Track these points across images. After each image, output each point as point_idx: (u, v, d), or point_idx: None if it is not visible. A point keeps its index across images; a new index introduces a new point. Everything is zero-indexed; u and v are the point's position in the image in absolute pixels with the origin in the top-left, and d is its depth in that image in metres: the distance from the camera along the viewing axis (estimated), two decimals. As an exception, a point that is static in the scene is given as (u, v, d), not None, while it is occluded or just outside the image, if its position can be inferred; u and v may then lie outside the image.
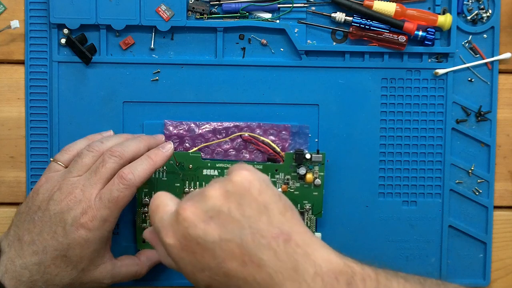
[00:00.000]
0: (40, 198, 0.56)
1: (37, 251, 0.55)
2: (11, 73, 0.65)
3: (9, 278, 0.54)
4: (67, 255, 0.55)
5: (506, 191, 0.68)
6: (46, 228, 0.55)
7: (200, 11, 0.64)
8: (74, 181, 0.56)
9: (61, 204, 0.55)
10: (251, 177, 0.46)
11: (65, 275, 0.56)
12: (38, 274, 0.55)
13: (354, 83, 0.65)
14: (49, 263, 0.55)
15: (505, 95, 0.67)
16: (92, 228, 0.55)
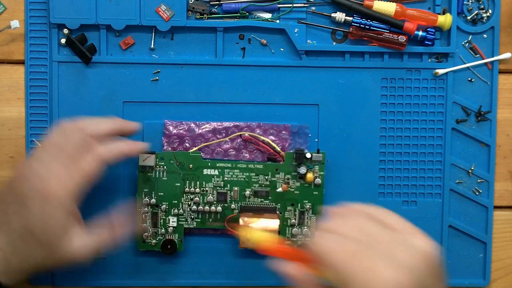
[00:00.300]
0: (11, 180, 0.55)
1: (5, 230, 0.54)
2: (11, 73, 0.65)
3: None
4: (32, 232, 0.53)
5: (506, 191, 0.68)
6: (10, 205, 0.54)
7: (200, 11, 0.64)
8: (32, 153, 0.55)
9: (20, 178, 0.54)
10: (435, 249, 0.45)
11: (36, 255, 0.54)
12: (11, 255, 0.53)
13: (354, 83, 0.65)
14: (18, 243, 0.53)
15: (505, 95, 0.67)
16: (54, 199, 0.53)
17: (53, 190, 0.53)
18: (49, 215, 0.53)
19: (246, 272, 0.66)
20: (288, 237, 0.64)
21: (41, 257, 0.55)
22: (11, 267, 0.54)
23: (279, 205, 0.64)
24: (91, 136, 0.56)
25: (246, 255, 0.66)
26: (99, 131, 0.57)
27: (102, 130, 0.57)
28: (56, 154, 0.55)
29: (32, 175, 0.54)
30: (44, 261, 0.55)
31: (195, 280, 0.66)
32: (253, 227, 0.60)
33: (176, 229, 0.64)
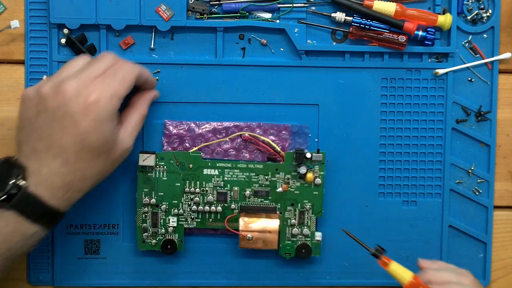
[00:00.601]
0: (34, 104, 0.55)
1: (57, 153, 0.53)
2: (11, 73, 0.65)
3: (43, 189, 0.54)
4: (86, 144, 0.54)
5: (506, 191, 0.68)
6: (55, 127, 0.53)
7: (200, 11, 0.64)
8: (63, 76, 0.55)
9: (58, 98, 0.53)
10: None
11: (95, 165, 0.55)
12: (69, 176, 0.54)
13: (354, 83, 0.65)
14: (74, 160, 0.54)
15: (505, 95, 0.67)
16: (99, 108, 0.53)
17: (96, 98, 0.53)
18: (99, 124, 0.54)
19: (246, 272, 0.66)
20: (288, 237, 0.65)
21: (99, 166, 0.55)
22: (71, 187, 0.54)
23: (279, 205, 0.64)
24: None
25: (246, 255, 0.66)
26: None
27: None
28: (88, 67, 0.55)
29: (74, 94, 0.53)
30: (103, 167, 0.56)
31: (195, 280, 0.66)
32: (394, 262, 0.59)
33: (176, 229, 0.64)
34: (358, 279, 0.66)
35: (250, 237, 0.62)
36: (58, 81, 0.54)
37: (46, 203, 0.54)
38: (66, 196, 0.55)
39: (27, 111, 0.55)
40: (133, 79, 0.57)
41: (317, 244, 0.65)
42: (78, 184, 0.55)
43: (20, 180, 0.53)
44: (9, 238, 0.53)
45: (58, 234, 0.65)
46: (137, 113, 0.60)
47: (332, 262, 0.66)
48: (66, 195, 0.55)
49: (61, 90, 0.53)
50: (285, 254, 0.65)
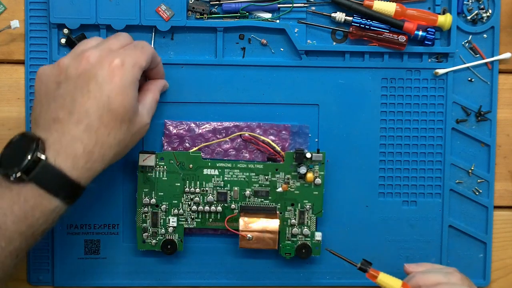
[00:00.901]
0: (54, 77, 0.54)
1: (80, 118, 0.52)
2: (11, 73, 0.65)
3: (64, 160, 0.52)
4: (111, 109, 0.53)
5: (506, 191, 0.68)
6: (78, 93, 0.53)
7: (200, 11, 0.64)
8: (82, 48, 0.56)
9: (82, 65, 0.53)
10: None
11: (117, 133, 0.54)
12: (90, 142, 0.52)
13: (354, 83, 0.65)
14: (97, 125, 0.52)
15: (505, 95, 0.67)
16: (124, 72, 0.53)
17: (120, 63, 0.53)
18: (124, 88, 0.53)
19: (246, 272, 0.66)
20: (288, 237, 0.65)
21: (120, 135, 0.54)
22: (92, 158, 0.53)
23: (279, 205, 0.64)
24: None
25: (246, 255, 0.66)
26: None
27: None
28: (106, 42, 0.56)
29: (93, 58, 0.53)
30: (123, 139, 0.54)
31: (195, 280, 0.66)
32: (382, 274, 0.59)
33: (176, 229, 0.64)
34: (358, 279, 0.66)
35: (250, 237, 0.62)
36: (79, 51, 0.55)
37: (67, 174, 0.52)
38: (87, 166, 0.53)
39: (45, 86, 0.55)
40: (152, 52, 0.58)
41: (317, 244, 0.65)
42: (99, 152, 0.53)
43: (39, 153, 0.51)
44: (30, 215, 0.51)
45: (58, 234, 0.65)
46: (151, 96, 0.59)
47: (332, 262, 0.66)
48: (87, 165, 0.53)
49: (84, 57, 0.54)
50: (285, 254, 0.65)
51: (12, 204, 0.51)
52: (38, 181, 0.51)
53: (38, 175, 0.51)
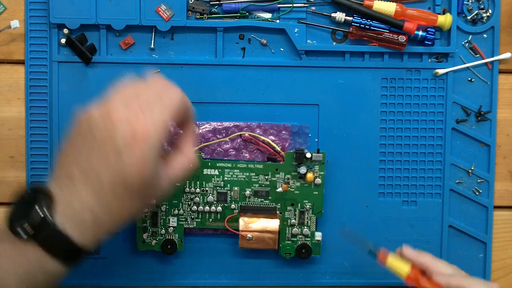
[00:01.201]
0: (79, 126, 0.50)
1: (92, 184, 0.48)
2: (11, 73, 0.65)
3: (72, 227, 0.48)
4: (126, 181, 0.48)
5: (506, 191, 0.68)
6: (94, 153, 0.48)
7: (200, 11, 0.64)
8: (112, 102, 0.49)
9: (105, 123, 0.48)
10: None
11: (129, 205, 0.49)
12: (101, 211, 0.48)
13: (354, 83, 0.65)
14: (109, 197, 0.48)
15: (505, 95, 0.67)
16: (145, 143, 0.48)
17: (144, 131, 0.48)
18: (144, 160, 0.48)
19: (246, 272, 0.66)
20: (288, 237, 0.64)
21: (135, 206, 0.50)
22: (101, 227, 0.49)
23: (279, 205, 0.64)
24: None
25: (246, 255, 0.66)
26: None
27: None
28: (137, 95, 0.50)
29: (118, 119, 0.48)
30: (134, 210, 0.51)
31: (195, 280, 0.66)
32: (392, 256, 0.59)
33: (176, 229, 0.64)
34: (358, 279, 0.66)
35: (250, 237, 0.62)
36: (108, 106, 0.49)
37: (74, 241, 0.48)
38: (96, 235, 0.50)
39: (74, 132, 0.50)
40: (179, 105, 0.51)
41: (317, 244, 0.65)
42: (107, 224, 0.49)
43: (48, 216, 0.48)
44: (32, 276, 0.49)
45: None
46: (183, 157, 0.54)
47: (332, 262, 0.66)
48: (96, 234, 0.50)
49: (109, 117, 0.48)
50: (285, 254, 0.65)
51: (17, 266, 0.48)
52: (43, 245, 0.48)
53: (45, 239, 0.48)
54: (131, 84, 0.52)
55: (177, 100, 0.51)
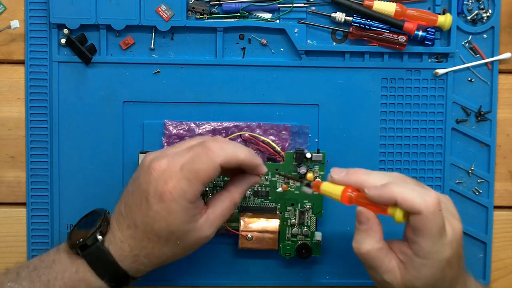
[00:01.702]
0: (138, 168, 0.56)
1: (130, 224, 0.54)
2: (11, 73, 0.65)
3: (114, 250, 0.54)
4: (154, 229, 0.53)
5: (506, 191, 0.68)
6: (135, 200, 0.54)
7: (200, 11, 0.64)
8: (167, 153, 0.55)
9: (147, 173, 0.53)
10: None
11: (162, 248, 0.54)
12: (136, 249, 0.54)
13: (354, 83, 0.65)
14: (141, 237, 0.54)
15: (505, 95, 0.67)
16: (171, 199, 0.52)
17: (171, 193, 0.52)
18: (169, 212, 0.52)
19: (246, 272, 0.66)
20: (288, 237, 0.64)
21: (167, 250, 0.55)
22: (140, 263, 0.55)
23: (279, 205, 0.64)
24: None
25: (246, 255, 0.66)
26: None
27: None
28: (181, 152, 0.54)
29: (157, 175, 0.53)
30: (171, 252, 0.55)
31: (195, 280, 0.66)
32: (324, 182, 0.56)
33: (176, 229, 0.64)
34: (358, 279, 0.66)
35: (250, 237, 0.62)
36: (160, 156, 0.54)
37: (115, 262, 0.54)
38: (134, 266, 0.55)
39: (136, 172, 0.56)
40: (210, 176, 0.53)
41: (317, 244, 0.64)
42: (143, 260, 0.55)
43: (98, 234, 0.55)
44: (77, 285, 0.54)
45: (58, 234, 0.65)
46: (228, 200, 0.56)
47: (332, 262, 0.66)
48: (134, 264, 0.55)
49: (151, 167, 0.54)
50: (285, 254, 0.64)
51: (64, 271, 0.54)
52: (88, 259, 0.54)
53: (91, 254, 0.54)
54: (197, 140, 0.56)
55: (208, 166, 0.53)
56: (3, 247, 0.65)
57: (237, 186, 0.57)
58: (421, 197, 0.50)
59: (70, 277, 0.54)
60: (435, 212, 0.50)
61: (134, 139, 0.65)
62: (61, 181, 0.65)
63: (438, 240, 0.50)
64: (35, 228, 0.65)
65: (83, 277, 0.54)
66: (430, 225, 0.50)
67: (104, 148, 0.65)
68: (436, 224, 0.50)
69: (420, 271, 0.51)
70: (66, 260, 0.55)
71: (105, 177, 0.65)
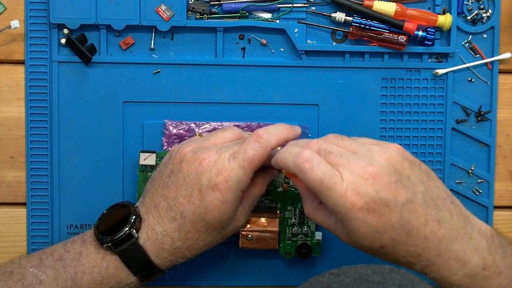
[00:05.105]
0: (172, 162, 0.56)
1: (175, 217, 0.54)
2: (11, 73, 0.65)
3: (152, 246, 0.54)
4: (205, 219, 0.54)
5: (506, 191, 0.68)
6: (182, 192, 0.54)
7: (200, 11, 0.64)
8: (208, 144, 0.56)
9: (195, 165, 0.54)
10: (406, 150, 0.51)
11: (206, 238, 0.55)
12: (179, 241, 0.55)
13: (354, 83, 0.65)
14: (189, 229, 0.54)
15: (505, 95, 0.67)
16: (227, 188, 0.53)
17: (227, 179, 0.53)
18: (223, 202, 0.54)
19: (246, 272, 0.66)
20: (288, 237, 0.64)
21: (211, 240, 0.56)
22: (177, 253, 0.55)
23: (279, 205, 0.64)
24: None
25: (246, 255, 0.66)
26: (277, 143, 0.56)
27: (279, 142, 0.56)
28: (225, 145, 0.56)
29: (208, 166, 0.54)
30: (211, 242, 0.56)
31: (195, 280, 0.66)
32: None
33: (176, 229, 0.64)
34: (358, 279, 0.66)
35: (250, 237, 0.62)
36: (201, 147, 0.55)
37: (151, 259, 0.55)
38: (170, 258, 0.55)
39: (164, 166, 0.57)
40: (262, 161, 0.55)
41: (317, 244, 0.64)
42: (184, 251, 0.55)
43: (134, 231, 0.55)
44: (106, 281, 0.54)
45: (58, 234, 0.65)
46: (256, 191, 0.58)
47: (332, 262, 0.66)
48: (171, 257, 0.55)
49: (200, 158, 0.54)
50: (285, 254, 0.64)
51: (94, 266, 0.54)
52: (122, 256, 0.54)
53: (125, 251, 0.54)
54: (232, 132, 0.58)
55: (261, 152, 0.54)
56: (3, 247, 0.65)
57: (263, 178, 0.58)
58: (292, 156, 0.50)
59: (100, 272, 0.54)
60: (304, 169, 0.48)
61: (134, 139, 0.65)
62: (61, 181, 0.65)
63: (329, 192, 0.47)
64: (35, 228, 0.65)
65: (114, 273, 0.54)
66: (307, 180, 0.48)
67: (104, 148, 0.65)
68: (312, 179, 0.48)
69: (343, 226, 0.50)
70: (95, 255, 0.54)
71: (105, 177, 0.65)
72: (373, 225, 0.47)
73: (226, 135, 0.58)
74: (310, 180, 0.48)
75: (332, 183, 0.47)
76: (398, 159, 0.49)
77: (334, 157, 0.49)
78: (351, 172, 0.48)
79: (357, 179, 0.47)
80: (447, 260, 0.49)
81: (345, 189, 0.47)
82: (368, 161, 0.48)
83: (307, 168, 0.48)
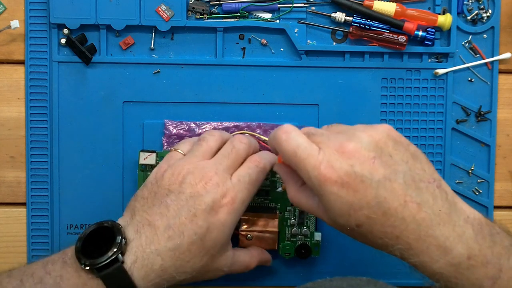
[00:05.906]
0: (168, 182, 0.55)
1: (173, 236, 0.52)
2: (11, 73, 0.65)
3: (139, 268, 0.52)
4: (203, 240, 0.53)
5: (506, 191, 0.68)
6: (184, 212, 0.53)
7: (200, 11, 0.64)
8: (205, 164, 0.55)
9: (197, 187, 0.53)
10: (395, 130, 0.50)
11: (196, 261, 0.54)
12: (170, 261, 0.52)
13: (354, 83, 0.65)
14: (184, 249, 0.53)
15: (505, 95, 0.67)
16: (232, 210, 0.54)
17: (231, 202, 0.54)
18: (224, 223, 0.54)
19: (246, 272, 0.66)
20: (287, 237, 0.65)
21: (199, 266, 0.54)
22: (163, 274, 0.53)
23: (279, 205, 0.64)
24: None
25: (246, 255, 0.66)
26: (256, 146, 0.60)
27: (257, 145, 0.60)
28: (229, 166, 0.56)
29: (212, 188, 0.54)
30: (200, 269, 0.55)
31: (195, 280, 0.66)
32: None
33: (176, 229, 0.64)
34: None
35: (250, 237, 0.62)
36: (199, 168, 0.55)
37: (136, 284, 0.51)
38: (156, 281, 0.53)
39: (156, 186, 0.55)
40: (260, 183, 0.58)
41: (316, 244, 0.65)
42: (172, 273, 0.53)
43: (119, 255, 0.51)
44: None
45: (58, 234, 0.65)
46: (248, 256, 0.61)
47: (331, 262, 0.66)
48: (156, 280, 0.53)
49: (204, 178, 0.54)
50: (285, 254, 0.65)
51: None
52: (106, 281, 0.51)
53: (109, 276, 0.51)
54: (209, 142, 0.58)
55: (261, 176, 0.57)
56: (3, 247, 0.66)
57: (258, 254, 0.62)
58: (274, 131, 0.51)
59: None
60: (280, 141, 0.49)
61: (134, 139, 0.65)
62: (61, 181, 0.65)
63: (303, 163, 0.47)
64: (35, 228, 0.65)
65: None
66: (283, 152, 0.49)
67: (104, 148, 0.65)
68: (287, 149, 0.48)
69: (321, 203, 0.49)
70: (76, 279, 0.51)
71: (105, 177, 0.65)
72: (348, 200, 0.46)
73: (211, 145, 0.57)
74: (285, 151, 0.49)
75: (306, 155, 0.47)
76: (382, 136, 0.48)
77: (316, 137, 0.49)
78: (328, 147, 0.47)
79: (333, 153, 0.47)
80: (428, 246, 0.46)
81: (320, 161, 0.47)
82: (348, 137, 0.48)
83: (283, 139, 0.49)
